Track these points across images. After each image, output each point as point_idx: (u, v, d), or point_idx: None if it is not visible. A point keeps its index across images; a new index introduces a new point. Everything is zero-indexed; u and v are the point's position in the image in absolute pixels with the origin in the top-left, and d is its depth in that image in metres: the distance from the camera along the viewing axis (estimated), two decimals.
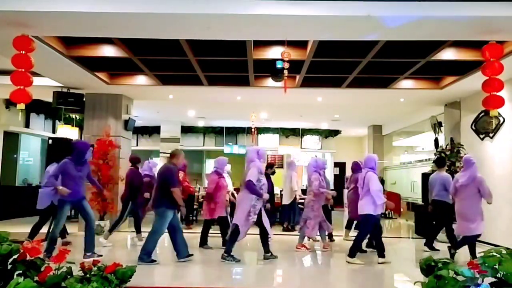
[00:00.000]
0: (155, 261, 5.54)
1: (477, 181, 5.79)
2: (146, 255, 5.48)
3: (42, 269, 3.27)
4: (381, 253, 5.88)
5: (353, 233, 8.41)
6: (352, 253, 5.84)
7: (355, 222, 7.75)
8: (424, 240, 7.07)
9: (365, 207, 5.78)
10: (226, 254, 5.68)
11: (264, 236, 5.81)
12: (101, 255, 5.64)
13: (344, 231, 8.18)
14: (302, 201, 7.85)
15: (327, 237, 7.14)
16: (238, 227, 5.61)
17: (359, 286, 5.21)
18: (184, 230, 8.71)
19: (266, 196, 5.80)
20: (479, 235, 5.87)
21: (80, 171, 5.68)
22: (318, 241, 7.26)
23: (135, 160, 7.52)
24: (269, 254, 5.86)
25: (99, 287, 3.13)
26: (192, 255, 5.75)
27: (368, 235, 6.50)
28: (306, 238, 6.94)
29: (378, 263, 5.79)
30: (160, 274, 5.31)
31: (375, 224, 5.88)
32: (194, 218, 10.05)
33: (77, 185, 5.63)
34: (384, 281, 5.33)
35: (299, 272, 5.71)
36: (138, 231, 7.34)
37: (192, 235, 8.37)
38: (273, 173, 8.61)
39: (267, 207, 8.05)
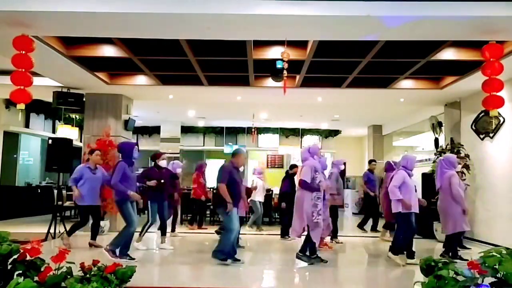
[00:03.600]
0: (226, 259, 5.58)
1: None
2: (221, 253, 5.57)
3: (42, 269, 3.27)
4: (397, 251, 5.90)
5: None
6: (396, 250, 5.85)
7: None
8: (423, 240, 7.08)
9: (395, 206, 5.78)
10: (301, 254, 5.73)
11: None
12: (134, 259, 5.63)
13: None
14: None
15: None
16: (309, 228, 5.61)
17: (359, 286, 5.21)
18: (189, 231, 8.91)
19: (323, 184, 5.70)
20: None
21: (132, 172, 5.78)
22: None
23: (154, 157, 7.29)
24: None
25: (99, 287, 3.13)
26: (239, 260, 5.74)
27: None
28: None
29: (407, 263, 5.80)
30: (160, 274, 5.31)
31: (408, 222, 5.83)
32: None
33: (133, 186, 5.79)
34: (384, 281, 5.33)
35: (301, 272, 5.70)
36: (162, 233, 7.10)
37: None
38: (295, 174, 8.54)
39: (282, 206, 8.08)
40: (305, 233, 5.75)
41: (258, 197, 9.15)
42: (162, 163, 7.19)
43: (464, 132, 8.64)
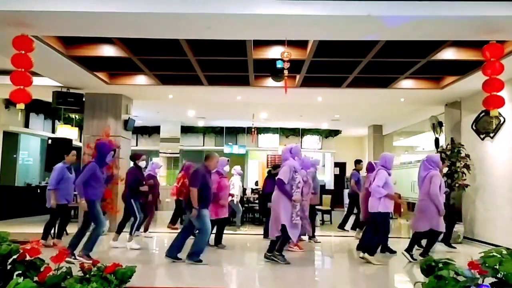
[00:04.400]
0: (201, 261, 5.56)
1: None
2: (195, 255, 5.55)
3: (42, 269, 3.26)
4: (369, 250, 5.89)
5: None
6: (370, 250, 5.82)
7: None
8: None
9: (373, 205, 5.78)
10: (278, 253, 5.69)
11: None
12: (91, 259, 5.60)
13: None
14: None
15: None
16: (286, 227, 5.55)
17: (359, 286, 5.20)
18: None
19: (296, 198, 5.63)
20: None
21: (103, 173, 5.78)
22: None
23: (133, 157, 7.37)
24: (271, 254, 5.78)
25: (99, 287, 3.12)
26: (180, 259, 5.70)
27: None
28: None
29: (360, 256, 5.87)
30: (159, 274, 5.30)
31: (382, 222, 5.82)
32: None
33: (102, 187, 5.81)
34: (384, 281, 5.32)
35: (297, 272, 5.68)
36: (137, 229, 7.22)
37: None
38: (277, 174, 8.49)
39: (269, 206, 8.03)
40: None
41: (235, 197, 9.12)
42: (142, 163, 7.31)
43: (464, 132, 8.63)
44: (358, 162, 9.69)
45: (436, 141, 9.64)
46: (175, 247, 5.73)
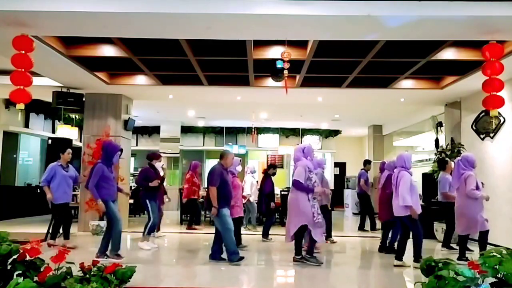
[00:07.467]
0: (243, 257, 5.61)
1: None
2: (234, 255, 5.57)
3: (42, 269, 3.27)
4: (399, 255, 5.74)
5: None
6: (417, 257, 5.60)
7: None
8: (423, 240, 7.00)
9: (400, 209, 5.57)
10: (309, 256, 5.63)
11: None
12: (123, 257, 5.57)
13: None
14: None
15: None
16: (307, 226, 5.50)
17: (360, 286, 5.20)
18: (189, 231, 8.92)
19: (318, 189, 5.66)
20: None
21: (112, 172, 5.78)
22: None
23: (150, 156, 7.30)
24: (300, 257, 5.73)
25: (99, 287, 3.13)
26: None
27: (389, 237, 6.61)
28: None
29: (394, 265, 5.68)
30: (159, 274, 5.30)
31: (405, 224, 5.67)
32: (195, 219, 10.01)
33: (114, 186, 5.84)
34: (384, 281, 5.32)
35: (301, 272, 5.68)
36: (151, 230, 7.17)
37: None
38: (274, 174, 8.53)
39: (272, 206, 8.05)
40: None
41: (252, 196, 9.08)
42: (158, 165, 7.30)
43: (464, 132, 8.63)
44: (368, 162, 10.06)
45: (436, 141, 9.65)
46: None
